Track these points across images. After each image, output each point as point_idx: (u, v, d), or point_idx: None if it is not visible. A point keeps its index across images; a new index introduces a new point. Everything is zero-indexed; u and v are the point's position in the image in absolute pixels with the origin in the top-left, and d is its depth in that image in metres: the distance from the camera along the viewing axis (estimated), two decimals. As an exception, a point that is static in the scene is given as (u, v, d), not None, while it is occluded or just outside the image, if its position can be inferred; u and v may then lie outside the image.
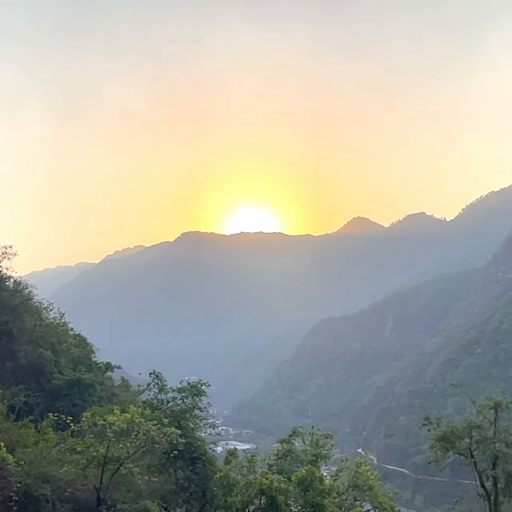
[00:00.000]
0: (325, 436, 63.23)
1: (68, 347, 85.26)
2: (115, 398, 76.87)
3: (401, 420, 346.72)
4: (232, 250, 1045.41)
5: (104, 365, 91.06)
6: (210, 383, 66.58)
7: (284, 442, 62.77)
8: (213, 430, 67.96)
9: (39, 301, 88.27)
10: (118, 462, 43.61)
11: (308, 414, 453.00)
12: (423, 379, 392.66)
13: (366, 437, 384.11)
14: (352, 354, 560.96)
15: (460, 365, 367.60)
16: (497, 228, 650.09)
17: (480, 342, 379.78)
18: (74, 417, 47.01)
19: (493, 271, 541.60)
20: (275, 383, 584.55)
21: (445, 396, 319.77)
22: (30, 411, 59.72)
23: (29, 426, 47.53)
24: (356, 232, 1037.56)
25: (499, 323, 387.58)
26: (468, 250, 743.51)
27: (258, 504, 49.88)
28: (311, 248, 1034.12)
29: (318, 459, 59.60)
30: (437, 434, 59.00)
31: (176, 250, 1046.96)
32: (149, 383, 63.60)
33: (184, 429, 57.27)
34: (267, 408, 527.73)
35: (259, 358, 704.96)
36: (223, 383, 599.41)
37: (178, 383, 63.87)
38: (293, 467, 56.57)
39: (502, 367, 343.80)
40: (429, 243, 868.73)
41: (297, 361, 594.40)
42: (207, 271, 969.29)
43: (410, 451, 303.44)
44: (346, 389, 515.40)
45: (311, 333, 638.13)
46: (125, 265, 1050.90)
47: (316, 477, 49.63)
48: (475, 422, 58.45)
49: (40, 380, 73.03)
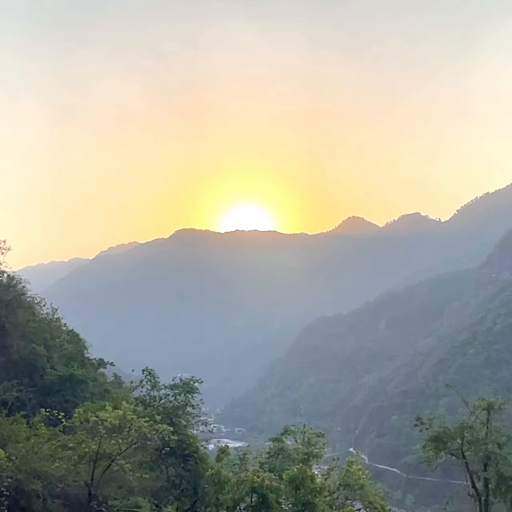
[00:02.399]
0: (317, 434, 63.36)
1: (61, 342, 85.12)
2: (108, 395, 76.66)
3: (393, 420, 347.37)
4: (226, 248, 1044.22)
5: (97, 361, 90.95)
6: (203, 380, 66.67)
7: (276, 441, 62.91)
8: (205, 428, 68.17)
9: (33, 296, 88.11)
10: (109, 459, 43.62)
11: (301, 413, 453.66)
12: (416, 379, 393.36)
13: (358, 436, 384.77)
14: (345, 354, 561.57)
15: (453, 366, 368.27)
16: (492, 229, 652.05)
17: (473, 343, 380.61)
18: (66, 413, 46.97)
19: (487, 272, 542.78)
20: (268, 382, 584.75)
21: (437, 396, 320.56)
22: (22, 406, 59.62)
23: (21, 421, 47.41)
24: (351, 231, 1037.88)
25: (492, 324, 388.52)
26: (462, 251, 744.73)
27: (249, 502, 49.90)
28: (306, 247, 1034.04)
29: (309, 458, 59.73)
30: (430, 434, 59.19)
31: (170, 247, 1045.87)
32: (142, 379, 63.65)
33: (176, 426, 57.37)
34: (259, 406, 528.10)
35: (252, 356, 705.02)
36: (216, 380, 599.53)
37: (171, 380, 63.89)
38: (285, 466, 56.63)
39: (495, 368, 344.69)
40: (423, 243, 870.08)
41: (290, 360, 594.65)
42: (201, 269, 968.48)
43: (402, 450, 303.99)
44: (339, 388, 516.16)
45: (304, 332, 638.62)
46: (119, 261, 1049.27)
47: (308, 475, 49.68)
48: (467, 423, 58.65)
49: (32, 375, 72.87)
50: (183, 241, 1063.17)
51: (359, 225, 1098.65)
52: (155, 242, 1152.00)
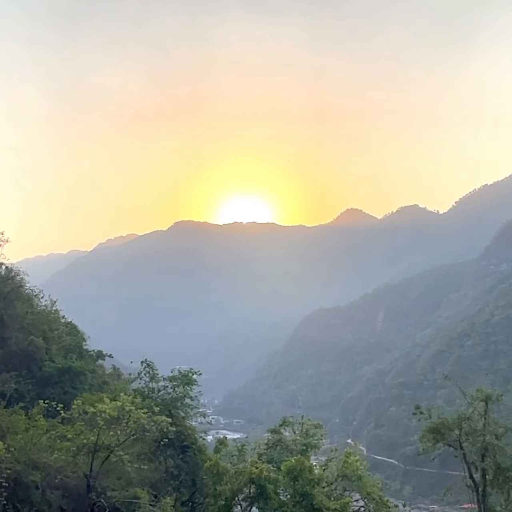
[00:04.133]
0: (315, 426, 63.51)
1: (59, 334, 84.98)
2: (106, 386, 76.76)
3: (391, 411, 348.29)
4: (225, 240, 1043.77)
5: (96, 353, 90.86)
6: (202, 372, 66.72)
7: (274, 432, 63.00)
8: (203, 419, 68.24)
9: (31, 288, 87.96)
10: (108, 450, 43.69)
11: (299, 404, 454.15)
12: (414, 371, 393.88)
13: (356, 427, 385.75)
14: (343, 345, 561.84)
15: (451, 357, 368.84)
16: (490, 221, 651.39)
17: (470, 335, 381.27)
18: (64, 404, 47.00)
19: (484, 264, 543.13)
20: (266, 373, 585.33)
21: (435, 388, 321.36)
22: (21, 398, 59.66)
23: (20, 413, 47.48)
24: (349, 223, 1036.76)
25: (490, 316, 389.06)
26: (461, 243, 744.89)
27: (247, 492, 50.11)
28: (304, 239, 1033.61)
29: (307, 449, 59.89)
30: (428, 425, 59.24)
31: (169, 239, 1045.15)
32: (140, 371, 63.63)
33: (175, 417, 57.41)
34: (258, 398, 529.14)
35: (250, 347, 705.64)
36: (215, 372, 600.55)
37: (169, 372, 63.89)
38: (283, 457, 56.78)
39: (492, 360, 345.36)
40: (421, 235, 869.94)
41: (289, 352, 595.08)
42: (200, 261, 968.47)
43: (400, 442, 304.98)
44: (337, 380, 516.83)
45: (303, 323, 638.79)
46: (117, 254, 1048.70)
47: (306, 466, 49.86)
48: (465, 414, 58.69)
49: (31, 367, 72.84)
50: (182, 233, 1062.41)
51: (358, 217, 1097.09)
52: (153, 234, 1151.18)
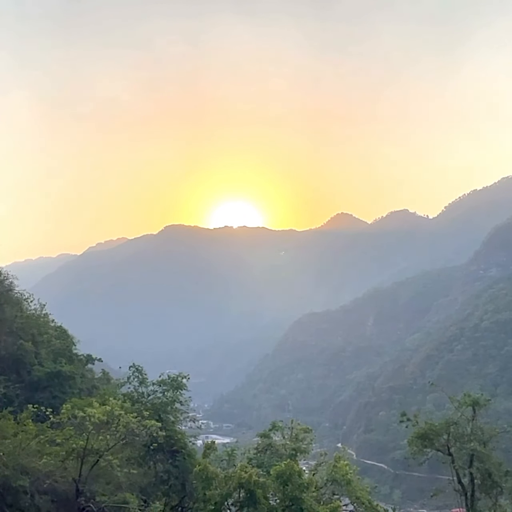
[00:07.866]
0: (305, 430, 63.61)
1: (48, 338, 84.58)
2: (96, 391, 76.55)
3: (380, 416, 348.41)
4: (215, 244, 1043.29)
5: (85, 357, 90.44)
6: (191, 376, 66.67)
7: (264, 436, 63.03)
8: (193, 424, 68.09)
9: (20, 292, 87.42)
10: (97, 454, 43.59)
11: (289, 409, 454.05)
12: (403, 375, 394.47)
13: (345, 432, 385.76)
14: (333, 349, 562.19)
15: (440, 362, 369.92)
16: (479, 226, 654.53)
17: (460, 339, 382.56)
18: (53, 409, 46.91)
19: (474, 268, 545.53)
20: (256, 377, 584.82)
21: (424, 392, 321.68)
22: (10, 403, 59.45)
23: (8, 417, 47.30)
24: (339, 228, 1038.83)
25: (479, 320, 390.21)
26: (450, 247, 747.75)
27: (237, 497, 50.06)
28: (294, 243, 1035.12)
29: (297, 453, 59.97)
30: (416, 431, 59.38)
31: (159, 243, 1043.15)
32: (130, 376, 63.51)
33: (165, 422, 57.36)
34: (247, 402, 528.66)
35: (240, 352, 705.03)
36: (204, 376, 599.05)
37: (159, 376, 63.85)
38: (273, 461, 56.78)
39: (481, 364, 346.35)
40: (411, 240, 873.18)
41: (279, 356, 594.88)
42: (189, 265, 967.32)
43: (389, 446, 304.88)
44: (327, 384, 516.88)
45: (292, 327, 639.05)
46: (107, 257, 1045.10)
47: (295, 471, 49.90)
48: (452, 419, 58.95)
49: (20, 371, 72.51)
50: (172, 237, 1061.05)
51: (348, 221, 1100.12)
52: (143, 238, 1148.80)
